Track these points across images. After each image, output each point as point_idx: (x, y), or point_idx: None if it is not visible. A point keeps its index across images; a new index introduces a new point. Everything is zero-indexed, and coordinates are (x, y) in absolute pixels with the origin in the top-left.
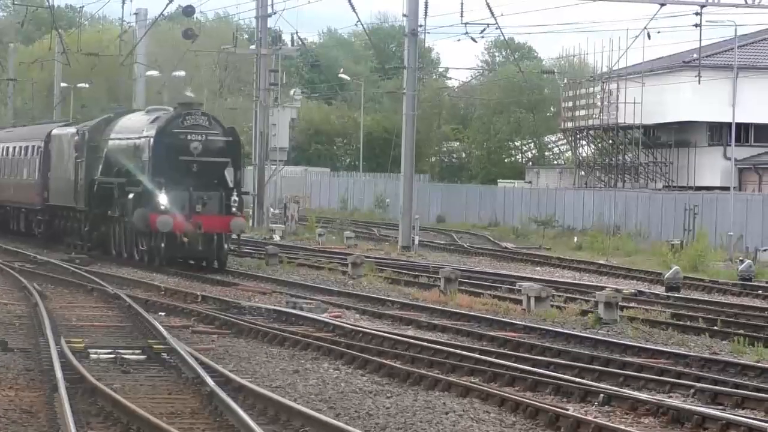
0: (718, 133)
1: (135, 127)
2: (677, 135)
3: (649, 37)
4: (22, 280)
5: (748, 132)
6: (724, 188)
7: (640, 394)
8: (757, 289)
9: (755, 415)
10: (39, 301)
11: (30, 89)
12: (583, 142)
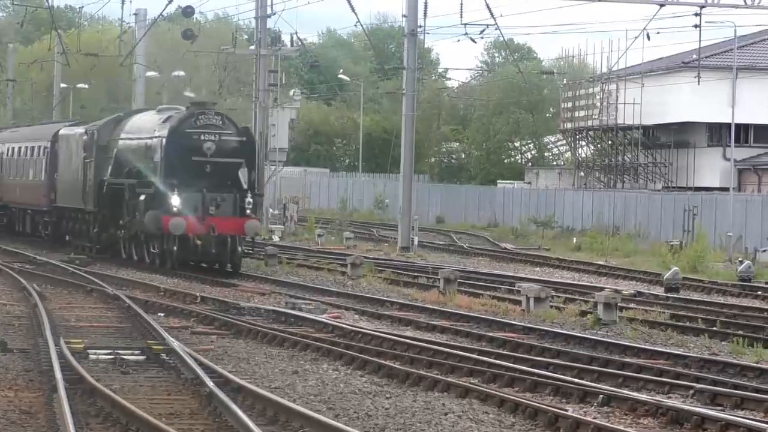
0: (718, 133)
1: (146, 126)
2: (677, 136)
3: (648, 37)
4: (22, 280)
5: (747, 133)
6: (723, 189)
7: (639, 394)
8: (756, 289)
9: (754, 416)
10: (38, 302)
11: (29, 90)
12: (582, 142)
